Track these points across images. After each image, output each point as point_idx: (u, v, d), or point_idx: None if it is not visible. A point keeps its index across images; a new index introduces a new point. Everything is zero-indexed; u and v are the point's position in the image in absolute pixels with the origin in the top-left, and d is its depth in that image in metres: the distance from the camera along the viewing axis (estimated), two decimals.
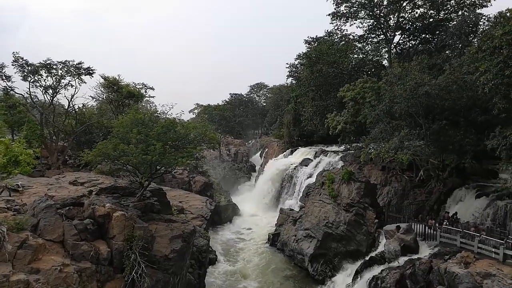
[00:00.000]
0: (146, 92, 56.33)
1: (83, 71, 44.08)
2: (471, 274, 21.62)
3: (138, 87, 54.90)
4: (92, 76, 45.29)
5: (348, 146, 55.18)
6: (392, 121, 35.66)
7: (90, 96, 51.07)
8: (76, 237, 16.79)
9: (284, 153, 71.70)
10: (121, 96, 49.62)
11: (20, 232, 15.37)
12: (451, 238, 27.18)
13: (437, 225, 29.17)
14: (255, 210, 57.19)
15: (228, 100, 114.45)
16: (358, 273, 30.06)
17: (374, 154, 37.68)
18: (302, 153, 65.48)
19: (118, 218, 17.88)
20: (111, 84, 49.72)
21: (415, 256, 27.40)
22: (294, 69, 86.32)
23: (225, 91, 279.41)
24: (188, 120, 66.23)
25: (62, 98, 47.33)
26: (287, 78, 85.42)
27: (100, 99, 55.91)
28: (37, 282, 13.28)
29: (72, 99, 45.02)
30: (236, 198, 61.85)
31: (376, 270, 28.38)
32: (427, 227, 29.78)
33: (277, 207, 53.12)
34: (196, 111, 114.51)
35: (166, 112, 29.18)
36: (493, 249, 23.33)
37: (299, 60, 76.10)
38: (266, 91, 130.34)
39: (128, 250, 17.37)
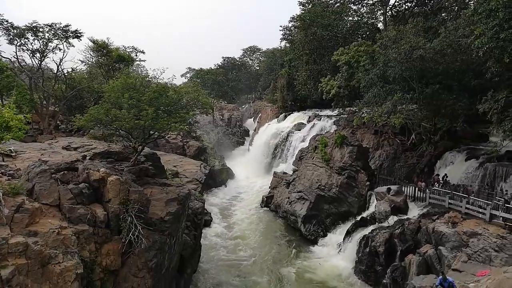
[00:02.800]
0: (136, 56, 55.14)
1: (71, 34, 42.79)
2: (458, 233, 22.46)
3: (128, 50, 53.67)
4: (80, 39, 44.03)
5: (342, 111, 55.29)
6: (386, 85, 35.58)
7: (80, 60, 49.99)
8: (72, 201, 16.99)
9: (278, 118, 71.69)
10: (111, 60, 48.58)
11: (16, 197, 15.51)
12: (440, 199, 27.98)
13: (426, 187, 29.91)
14: (249, 174, 57.95)
15: (220, 64, 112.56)
16: (349, 233, 31.09)
17: (367, 118, 37.89)
18: (295, 117, 65.55)
19: (113, 183, 18.04)
20: (100, 48, 48.49)
21: (404, 217, 28.30)
22: (288, 32, 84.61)
23: (217, 55, 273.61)
24: (180, 85, 65.45)
25: (50, 62, 46.30)
26: (280, 41, 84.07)
27: (90, 63, 54.76)
28: (36, 244, 13.57)
29: (61, 63, 44.03)
30: (230, 162, 62.41)
31: (366, 230, 29.35)
32: (417, 189, 30.56)
33: (270, 170, 53.82)
34: (188, 75, 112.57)
35: (157, 76, 28.78)
36: (480, 210, 24.12)
37: (293, 23, 74.53)
38: (259, 54, 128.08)
39: (124, 213, 17.66)
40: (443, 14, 47.72)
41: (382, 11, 58.72)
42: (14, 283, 12.06)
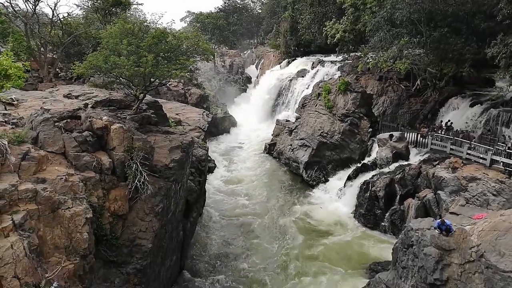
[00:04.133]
0: None
1: None
2: (457, 178, 22.88)
3: None
4: None
5: (346, 56, 53.93)
6: (393, 29, 34.32)
7: (75, 4, 48.00)
8: (77, 149, 17.16)
9: (281, 64, 70.17)
10: (107, 3, 46.64)
11: (21, 145, 15.64)
12: (441, 145, 28.14)
13: (428, 133, 29.95)
14: (251, 122, 58.00)
15: (221, 7, 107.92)
16: (350, 179, 31.73)
17: (372, 63, 37.08)
18: (299, 63, 64.13)
19: (117, 131, 18.10)
20: None
21: (405, 162, 28.70)
22: None
23: None
24: (179, 30, 63.32)
25: (45, 7, 44.63)
26: None
27: (86, 7, 52.64)
28: (45, 190, 13.92)
29: (56, 8, 42.41)
30: (233, 110, 62.23)
31: (367, 175, 29.91)
32: (419, 135, 30.63)
33: (273, 118, 53.78)
34: (187, 19, 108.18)
35: (156, 21, 27.72)
36: (481, 155, 24.32)
37: None
38: None
39: (129, 161, 17.91)
40: None
41: None
42: (26, 227, 12.55)
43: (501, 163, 23.08)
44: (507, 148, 23.79)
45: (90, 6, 50.49)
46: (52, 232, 13.67)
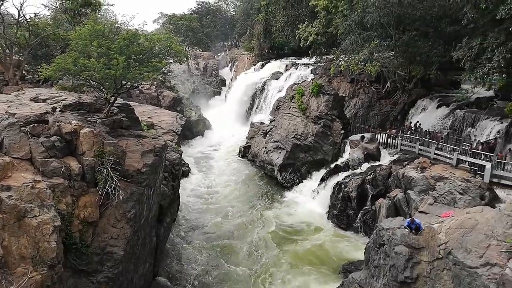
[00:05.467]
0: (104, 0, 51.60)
1: None
2: (426, 177, 23.58)
3: None
4: None
5: (319, 59, 54.75)
6: (363, 32, 35.18)
7: (43, 5, 46.37)
8: (44, 154, 16.59)
9: (255, 66, 70.36)
10: (77, 4, 45.41)
11: None
12: (410, 146, 29.03)
13: (398, 134, 30.80)
14: (226, 124, 57.81)
15: (194, 9, 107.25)
16: (323, 180, 32.18)
17: (344, 66, 37.83)
18: (273, 66, 64.55)
19: (86, 135, 17.64)
20: None
21: (376, 163, 29.36)
22: None
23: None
24: (152, 32, 62.43)
25: (10, 7, 42.90)
26: None
27: (54, 7, 51.02)
28: (10, 198, 13.37)
29: (22, 8, 40.83)
30: (207, 112, 61.87)
31: (340, 176, 30.40)
32: (389, 136, 31.45)
33: (247, 120, 53.83)
34: (160, 21, 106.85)
35: (127, 23, 27.30)
36: (448, 155, 25.22)
37: None
38: None
39: (100, 166, 17.47)
40: None
41: None
42: None
43: (467, 162, 24.03)
44: (472, 148, 24.81)
45: (58, 7, 49.00)
46: (18, 242, 13.13)
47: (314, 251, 25.16)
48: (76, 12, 46.10)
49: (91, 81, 21.57)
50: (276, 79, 56.85)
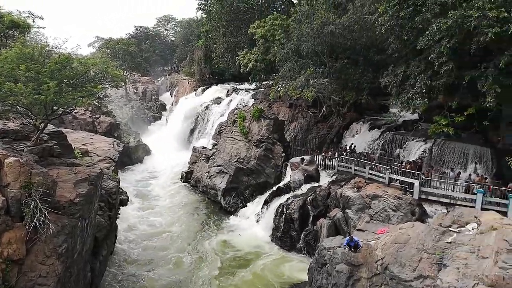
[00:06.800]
0: (34, 22, 48.98)
1: None
2: (362, 196, 24.76)
3: (23, 15, 47.35)
4: None
5: (259, 84, 56.19)
6: (300, 60, 36.91)
7: None
8: None
9: (196, 91, 70.38)
10: (3, 25, 42.62)
11: None
12: (347, 167, 30.43)
13: (334, 156, 32.25)
14: (167, 150, 56.49)
15: (132, 33, 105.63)
16: (266, 203, 32.44)
17: (282, 91, 39.18)
18: (214, 91, 65.06)
19: (11, 165, 16.27)
20: None
21: (316, 184, 30.31)
22: (204, 2, 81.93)
23: (129, 23, 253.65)
24: (87, 55, 60.10)
25: None
26: (196, 11, 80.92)
27: None
28: None
29: None
30: (147, 138, 60.16)
31: (282, 198, 30.87)
32: (327, 158, 32.79)
33: (189, 145, 53.14)
34: (96, 45, 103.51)
35: (59, 46, 26.04)
36: (381, 174, 26.80)
37: None
38: (175, 24, 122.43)
39: (27, 198, 16.13)
40: None
41: None
42: None
43: (398, 180, 25.70)
44: (402, 167, 26.64)
45: None
46: None
47: (259, 276, 24.93)
48: (2, 34, 43.20)
49: (18, 106, 20.14)
50: (218, 104, 57.21)
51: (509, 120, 25.76)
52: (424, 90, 25.20)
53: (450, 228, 16.84)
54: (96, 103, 24.58)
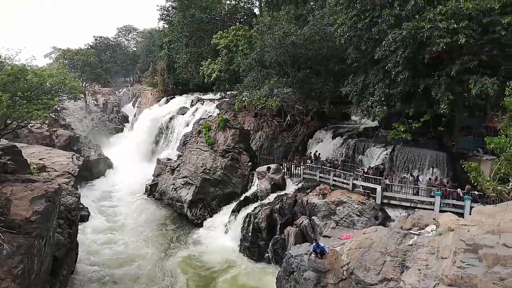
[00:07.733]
0: None
1: None
2: (327, 203, 25.19)
3: None
4: None
5: (224, 94, 56.21)
6: (263, 70, 37.40)
7: None
8: None
9: (159, 102, 69.32)
10: None
11: None
12: (312, 174, 30.89)
13: (299, 164, 32.69)
14: (130, 162, 54.92)
15: (92, 44, 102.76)
16: (234, 213, 32.21)
17: (247, 101, 39.40)
18: (178, 102, 64.28)
19: None
20: None
21: (283, 192, 30.52)
22: (166, 13, 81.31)
23: (88, 33, 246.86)
24: (42, 67, 57.73)
25: None
26: (158, 22, 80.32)
27: None
28: None
29: None
30: (108, 151, 58.25)
31: (250, 208, 30.80)
32: (292, 166, 33.17)
33: (154, 157, 51.95)
34: (53, 55, 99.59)
35: (12, 57, 24.90)
36: (345, 181, 27.41)
37: (170, 3, 71.85)
38: (136, 34, 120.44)
39: None
40: (311, 3, 51.57)
41: None
42: None
43: (361, 186, 26.37)
44: (364, 173, 27.39)
45: None
46: None
47: (227, 287, 24.61)
48: None
49: None
50: (182, 114, 56.54)
51: (461, 125, 27.27)
52: (382, 98, 26.23)
53: (410, 231, 17.42)
54: (53, 115, 23.62)
